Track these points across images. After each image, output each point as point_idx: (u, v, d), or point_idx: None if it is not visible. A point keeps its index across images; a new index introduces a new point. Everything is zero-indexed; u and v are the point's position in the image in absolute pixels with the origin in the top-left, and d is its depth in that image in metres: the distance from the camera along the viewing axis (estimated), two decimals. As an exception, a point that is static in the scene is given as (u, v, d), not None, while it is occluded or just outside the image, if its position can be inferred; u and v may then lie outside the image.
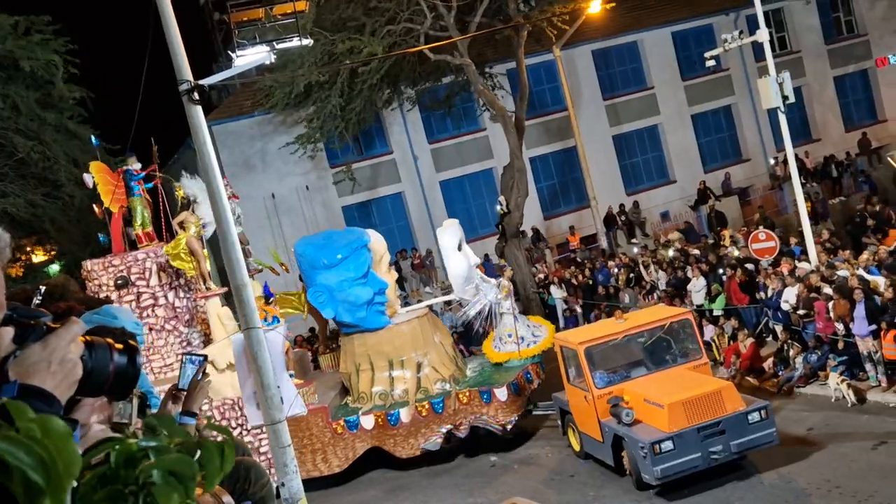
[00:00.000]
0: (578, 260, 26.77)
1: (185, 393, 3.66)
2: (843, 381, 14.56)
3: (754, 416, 11.82)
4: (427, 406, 15.22)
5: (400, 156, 29.83)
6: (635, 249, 26.79)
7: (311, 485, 15.11)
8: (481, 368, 16.69)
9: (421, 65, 25.61)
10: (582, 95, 30.52)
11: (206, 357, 3.78)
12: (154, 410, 3.88)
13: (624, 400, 12.40)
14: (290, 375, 15.42)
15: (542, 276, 25.67)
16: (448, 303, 19.14)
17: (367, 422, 15.32)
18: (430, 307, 17.99)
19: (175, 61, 9.78)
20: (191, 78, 9.79)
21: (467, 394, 15.29)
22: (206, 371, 3.78)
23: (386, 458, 15.61)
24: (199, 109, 9.93)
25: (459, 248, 16.41)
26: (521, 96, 25.36)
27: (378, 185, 29.76)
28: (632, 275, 22.24)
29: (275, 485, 9.49)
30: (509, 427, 15.11)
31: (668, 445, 11.45)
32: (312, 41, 21.19)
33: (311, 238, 17.70)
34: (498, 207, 24.85)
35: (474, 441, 15.54)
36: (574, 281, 23.54)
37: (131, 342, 1.97)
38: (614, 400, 12.39)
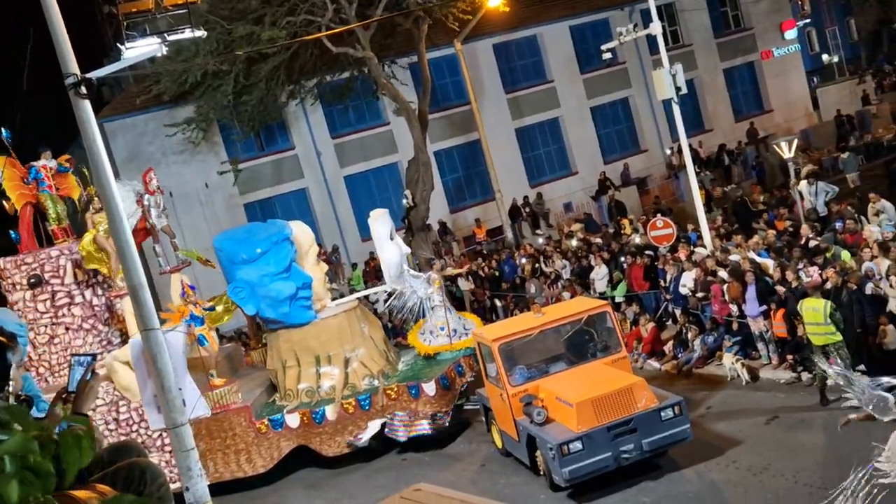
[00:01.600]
0: (485, 252, 27.02)
1: (73, 395, 3.52)
2: (737, 360, 15.18)
3: (667, 413, 11.50)
4: (354, 403, 14.92)
5: (303, 151, 29.43)
6: (540, 240, 27.25)
7: (235, 486, 14.88)
8: (414, 362, 16.44)
9: (322, 58, 25.30)
10: (484, 89, 30.79)
11: (94, 357, 3.64)
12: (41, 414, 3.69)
13: (538, 398, 12.11)
14: (211, 375, 15.09)
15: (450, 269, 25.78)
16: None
17: (293, 420, 14.98)
18: (364, 299, 17.71)
19: (60, 54, 9.33)
20: (77, 71, 9.37)
21: (395, 389, 15.00)
22: (96, 371, 3.63)
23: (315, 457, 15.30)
24: (87, 104, 9.50)
25: (391, 238, 16.13)
26: (423, 90, 25.39)
27: (281, 182, 29.29)
28: (537, 265, 22.60)
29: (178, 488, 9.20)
30: (438, 422, 14.76)
31: (576, 446, 11.11)
32: (206, 32, 20.64)
33: (230, 232, 17.28)
34: (404, 201, 24.85)
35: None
36: (481, 273, 23.75)
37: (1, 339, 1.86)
38: (527, 398, 12.09)
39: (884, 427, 8.50)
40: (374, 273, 25.63)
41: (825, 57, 43.56)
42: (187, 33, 19.34)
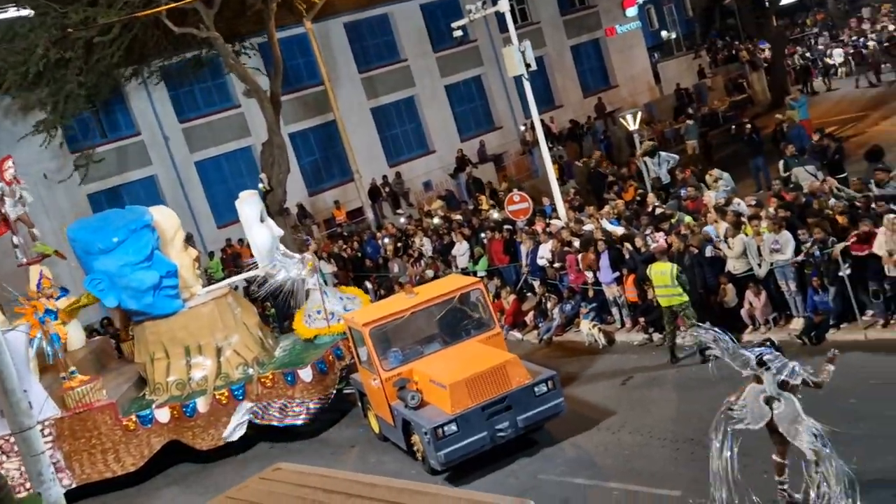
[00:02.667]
0: (346, 234, 26.81)
1: None
2: (594, 326, 15.81)
3: (541, 388, 11.54)
4: (227, 393, 14.41)
5: (149, 136, 28.11)
6: (401, 219, 27.32)
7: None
8: (292, 347, 16.03)
9: (167, 38, 24.18)
10: (338, 69, 30.40)
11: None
12: None
13: (412, 381, 11.96)
14: (73, 372, 14.21)
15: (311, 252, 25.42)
16: None
17: (162, 415, 14.36)
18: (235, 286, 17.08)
19: None
20: None
21: (271, 377, 14.56)
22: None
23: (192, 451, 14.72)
24: None
25: (262, 220, 15.58)
26: (275, 70, 24.75)
27: (127, 170, 27.86)
28: (399, 244, 22.66)
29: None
30: (312, 410, 14.42)
31: (451, 428, 11.00)
32: (33, 12, 19.32)
33: (84, 221, 16.35)
34: (260, 186, 24.16)
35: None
36: (343, 255, 23.56)
37: None
38: (401, 382, 11.92)
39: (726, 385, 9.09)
40: (232, 260, 24.93)
41: (664, 33, 45.67)
42: (11, 12, 17.98)
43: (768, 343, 8.64)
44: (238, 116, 29.42)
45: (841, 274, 12.50)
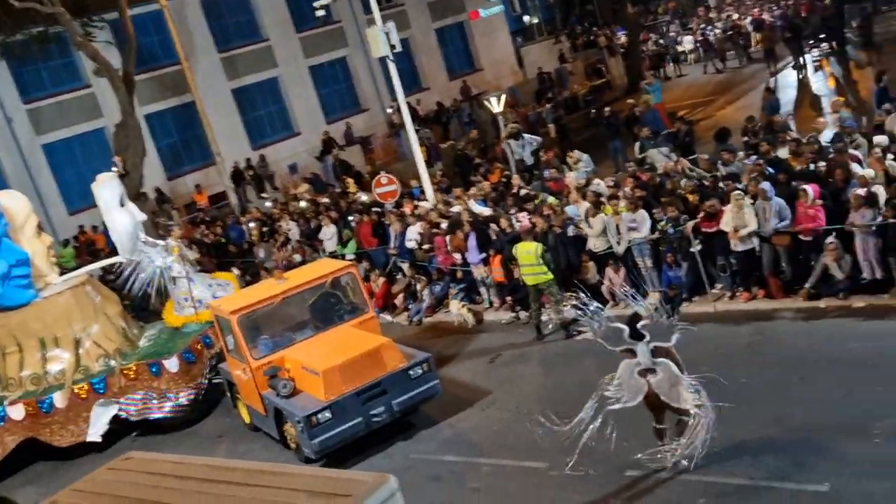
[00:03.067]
0: (208, 219, 25.95)
1: None
2: (463, 306, 16.01)
3: (416, 371, 11.44)
4: (87, 387, 13.61)
5: (-11, 118, 26.21)
6: (267, 203, 26.71)
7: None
8: (158, 336, 15.32)
9: (7, 13, 22.53)
10: (195, 48, 29.26)
11: None
12: None
13: (284, 369, 11.66)
14: None
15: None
16: None
17: (16, 412, 13.45)
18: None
19: None
20: None
21: (134, 368, 13.86)
22: None
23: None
24: None
25: (122, 205, 14.73)
26: (128, 48, 23.61)
27: (-35, 154, 25.92)
28: (265, 229, 22.15)
29: None
30: (181, 401, 13.85)
31: (325, 416, 10.80)
32: None
33: None
34: (113, 170, 22.99)
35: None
36: (206, 240, 22.81)
37: None
38: (271, 371, 11.57)
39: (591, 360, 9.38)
40: (87, 248, 23.66)
41: (526, 18, 46.55)
42: None
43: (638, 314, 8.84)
44: (89, 97, 27.85)
45: (692, 250, 13.19)
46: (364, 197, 21.99)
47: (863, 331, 11.07)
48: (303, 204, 23.42)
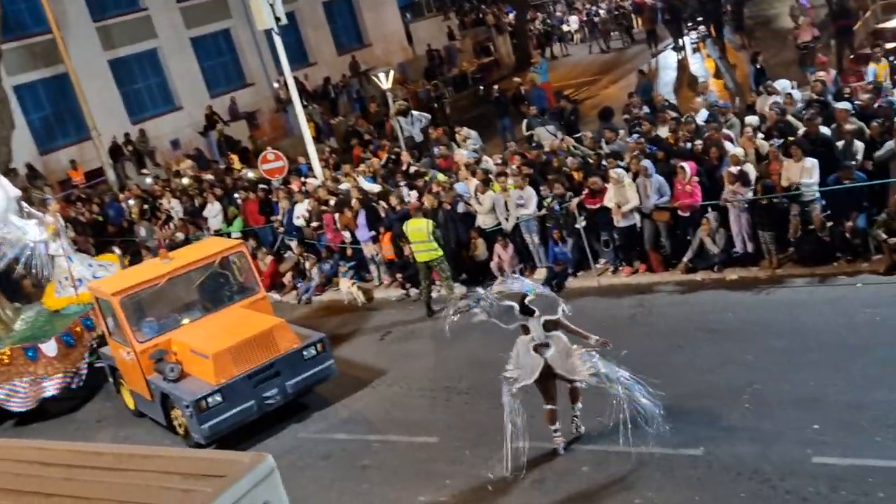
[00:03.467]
0: (84, 196, 24.74)
1: None
2: (353, 284, 15.91)
3: (310, 352, 11.25)
4: None
5: None
6: (147, 180, 25.70)
7: None
8: (35, 318, 14.48)
9: None
10: (68, 16, 27.65)
11: None
12: None
13: (171, 352, 11.27)
14: None
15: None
16: None
17: None
18: None
19: None
20: None
21: (9, 352, 13.08)
22: None
23: None
24: None
25: None
26: (-8, 15, 22.10)
27: None
28: (146, 207, 21.31)
29: None
30: (59, 386, 13.17)
31: (215, 399, 10.48)
32: None
33: None
34: (-21, 144, 21.66)
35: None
36: (82, 219, 21.76)
37: None
38: (158, 354, 11.20)
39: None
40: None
41: (415, -6, 46.27)
42: None
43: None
44: (-51, 66, 25.95)
45: (577, 226, 13.51)
46: (250, 173, 21.48)
47: (736, 302, 11.65)
48: (185, 181, 22.67)
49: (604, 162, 14.07)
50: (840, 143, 11.98)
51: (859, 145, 11.82)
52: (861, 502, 6.93)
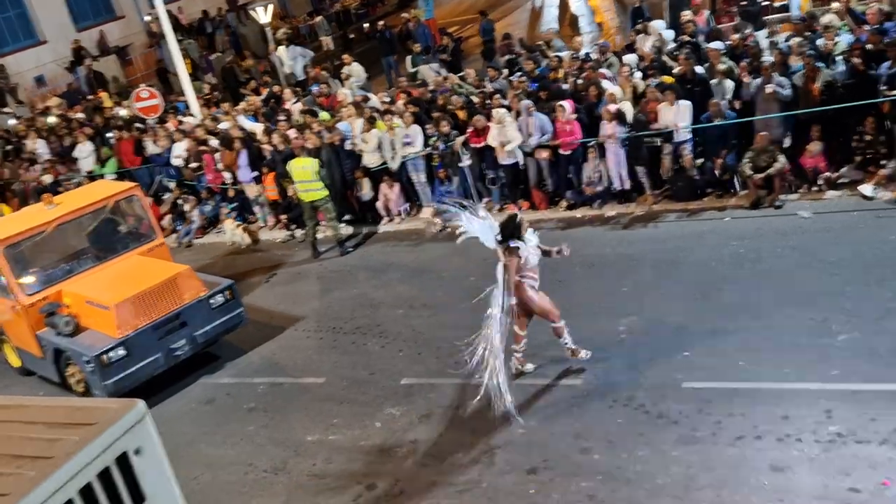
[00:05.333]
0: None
1: None
2: (238, 225, 15.53)
3: (218, 300, 10.73)
4: None
5: None
6: (10, 121, 24.06)
7: None
8: None
9: None
10: None
11: None
12: None
13: (63, 305, 10.54)
14: None
15: None
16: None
17: None
18: None
19: None
20: None
21: None
22: None
23: None
24: None
25: None
26: None
27: None
28: (9, 148, 20.00)
29: None
30: None
31: (119, 353, 9.89)
32: None
33: None
34: None
35: None
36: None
37: None
38: (49, 307, 10.43)
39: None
40: None
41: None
42: None
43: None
44: None
45: (462, 165, 13.56)
46: (123, 112, 20.43)
47: (613, 237, 12.04)
48: (52, 119, 21.36)
49: (488, 101, 14.10)
50: (713, 83, 12.41)
51: (729, 84, 12.28)
52: (726, 422, 7.39)
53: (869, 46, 11.61)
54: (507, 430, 8.03)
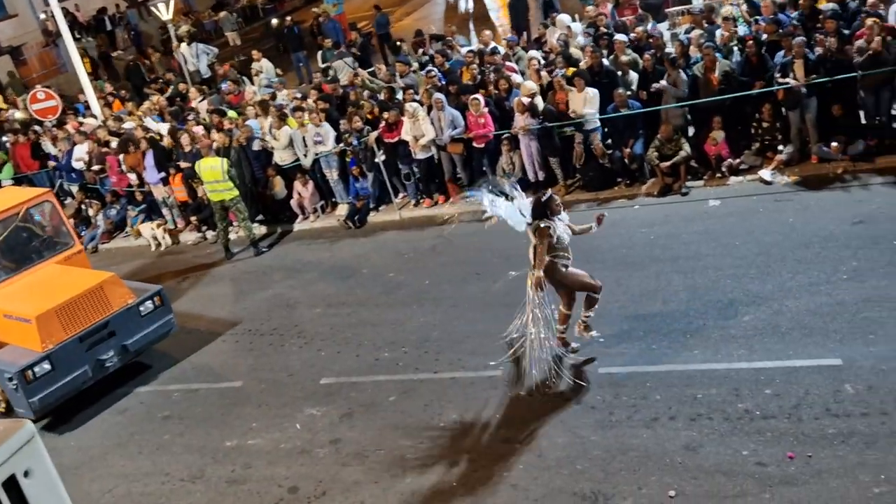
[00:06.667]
0: None
1: None
2: (159, 226, 15.06)
3: (147, 306, 10.33)
4: None
5: None
6: None
7: None
8: None
9: None
10: None
11: None
12: None
13: None
14: None
15: None
16: None
17: None
18: None
19: None
20: None
21: None
22: None
23: None
24: None
25: None
26: None
27: None
28: None
29: None
30: None
31: (44, 368, 9.38)
32: None
33: None
34: None
35: None
36: None
37: None
38: None
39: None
40: None
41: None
42: None
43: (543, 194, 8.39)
44: None
45: (377, 160, 13.49)
46: (18, 114, 19.59)
47: (528, 228, 12.16)
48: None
49: (399, 95, 14.06)
50: (619, 74, 12.67)
51: (634, 75, 12.57)
52: (640, 405, 7.57)
53: (764, 36, 12.07)
54: (430, 424, 8.04)
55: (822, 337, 7.89)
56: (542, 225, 8.11)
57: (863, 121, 11.54)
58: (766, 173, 11.55)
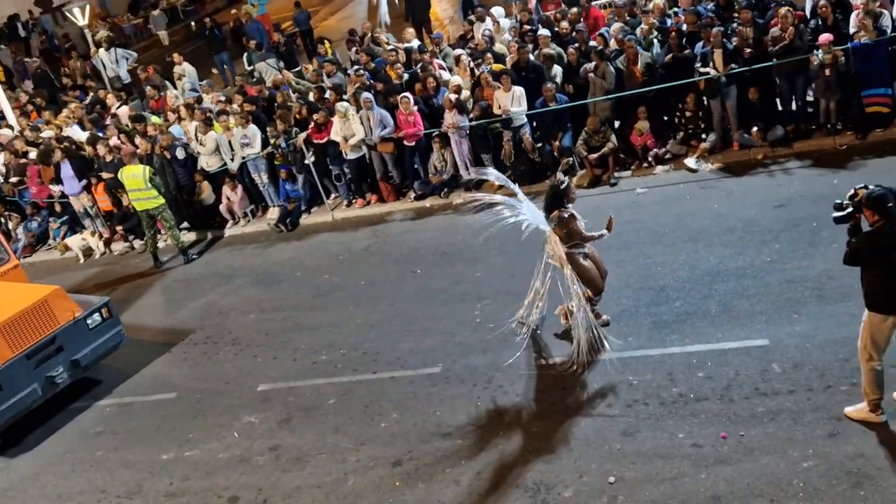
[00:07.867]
0: None
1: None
2: (92, 233, 14.63)
3: (95, 319, 9.96)
4: None
5: None
6: None
7: None
8: None
9: None
10: None
11: None
12: None
13: None
14: None
15: None
16: None
17: None
18: None
19: None
20: None
21: None
22: None
23: None
24: None
25: None
26: None
27: None
28: None
29: None
30: None
31: None
32: None
33: None
34: None
35: None
36: None
37: None
38: None
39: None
40: None
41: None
42: None
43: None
44: None
45: (307, 162, 13.34)
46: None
47: (463, 225, 12.17)
48: None
49: (327, 95, 13.94)
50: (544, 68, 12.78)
51: (558, 69, 12.71)
52: (579, 394, 7.67)
53: (684, 27, 12.33)
54: (370, 425, 8.00)
55: (749, 319, 8.12)
56: (564, 215, 8.23)
57: (779, 107, 11.91)
58: (690, 161, 11.82)
